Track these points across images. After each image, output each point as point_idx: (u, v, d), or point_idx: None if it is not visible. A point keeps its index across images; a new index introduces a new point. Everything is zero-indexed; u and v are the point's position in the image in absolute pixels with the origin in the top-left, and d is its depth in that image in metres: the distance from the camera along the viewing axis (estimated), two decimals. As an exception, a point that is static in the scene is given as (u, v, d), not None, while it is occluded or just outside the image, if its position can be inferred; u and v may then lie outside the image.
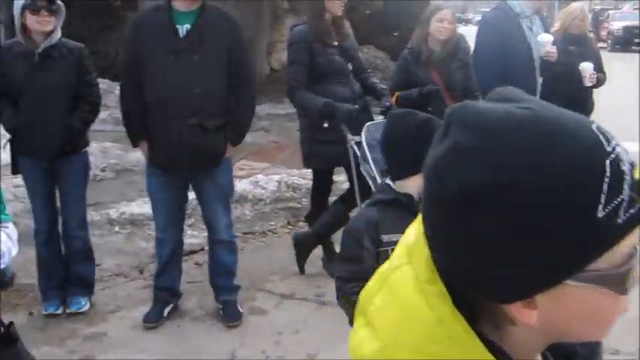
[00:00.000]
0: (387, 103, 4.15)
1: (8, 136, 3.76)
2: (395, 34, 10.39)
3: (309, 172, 4.88)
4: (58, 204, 3.88)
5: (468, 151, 0.64)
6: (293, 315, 3.84)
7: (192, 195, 3.88)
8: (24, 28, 3.54)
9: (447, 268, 0.68)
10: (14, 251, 2.28)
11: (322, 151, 4.04)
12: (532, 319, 0.66)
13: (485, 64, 4.32)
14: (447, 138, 0.66)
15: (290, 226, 5.34)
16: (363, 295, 0.77)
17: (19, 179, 4.20)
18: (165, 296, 3.83)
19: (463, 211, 0.63)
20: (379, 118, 4.20)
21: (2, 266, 2.23)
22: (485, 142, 0.63)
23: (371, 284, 0.77)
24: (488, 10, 5.15)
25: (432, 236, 0.68)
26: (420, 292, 0.68)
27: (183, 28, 3.41)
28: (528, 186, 0.61)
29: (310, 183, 4.78)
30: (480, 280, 0.65)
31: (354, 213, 3.88)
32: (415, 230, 0.74)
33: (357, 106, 4.03)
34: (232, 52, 3.48)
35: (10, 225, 2.30)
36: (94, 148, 4.53)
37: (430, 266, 0.69)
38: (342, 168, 4.30)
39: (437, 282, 0.68)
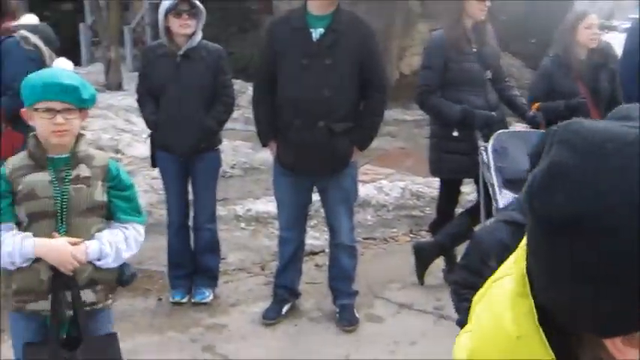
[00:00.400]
0: (531, 113, 3.98)
1: (149, 131, 3.99)
2: (532, 40, 9.98)
3: (434, 181, 4.78)
4: (191, 197, 4.07)
5: (566, 173, 0.60)
6: (410, 326, 3.77)
7: (315, 196, 3.92)
8: (167, 30, 3.73)
9: (543, 291, 0.65)
10: (126, 254, 2.31)
11: (450, 160, 3.93)
12: (631, 357, 0.60)
13: (632, 75, 4.02)
14: (546, 158, 0.63)
15: (412, 235, 5.26)
16: (474, 302, 0.77)
17: (155, 172, 4.44)
18: (285, 294, 3.89)
19: (558, 237, 0.60)
20: (517, 128, 4.04)
21: (108, 266, 2.29)
22: (585, 163, 0.59)
23: (480, 292, 0.77)
24: (637, 16, 4.81)
25: (532, 257, 0.65)
26: (511, 305, 0.68)
27: (316, 32, 3.45)
28: (629, 213, 0.56)
29: (435, 192, 4.68)
30: (576, 309, 0.61)
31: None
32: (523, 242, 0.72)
33: (494, 113, 3.89)
34: (365, 56, 3.47)
35: (133, 226, 2.33)
36: (224, 145, 4.69)
37: (523, 280, 0.67)
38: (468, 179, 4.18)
39: (527, 297, 0.66)
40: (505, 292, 0.70)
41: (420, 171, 5.81)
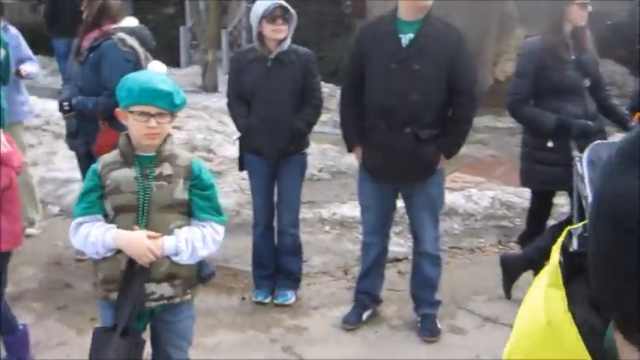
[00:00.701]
0: (633, 124, 3.77)
1: (238, 133, 4.07)
2: (639, 46, 9.45)
3: (526, 191, 4.62)
4: (276, 199, 4.12)
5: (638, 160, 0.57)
6: (494, 340, 3.64)
7: (401, 202, 3.87)
8: (260, 34, 3.79)
9: (609, 293, 0.61)
10: (203, 252, 2.36)
11: (542, 171, 3.79)
12: None
13: None
14: (617, 147, 0.61)
15: (500, 246, 5.09)
16: None
17: (245, 172, 4.52)
18: (366, 300, 3.87)
19: (629, 231, 0.56)
20: (617, 138, 3.83)
21: (184, 262, 2.34)
22: None
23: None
24: None
25: (598, 259, 0.62)
26: (543, 296, 0.68)
27: (406, 38, 3.41)
28: None
29: (526, 202, 4.52)
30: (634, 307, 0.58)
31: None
32: None
33: (591, 123, 3.71)
34: (454, 63, 3.40)
35: (211, 225, 2.38)
36: (312, 148, 4.73)
37: (556, 272, 0.68)
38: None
39: (559, 287, 0.67)
40: (540, 285, 0.71)
41: (512, 180, 5.62)
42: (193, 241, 2.32)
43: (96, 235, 2.26)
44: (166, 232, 2.32)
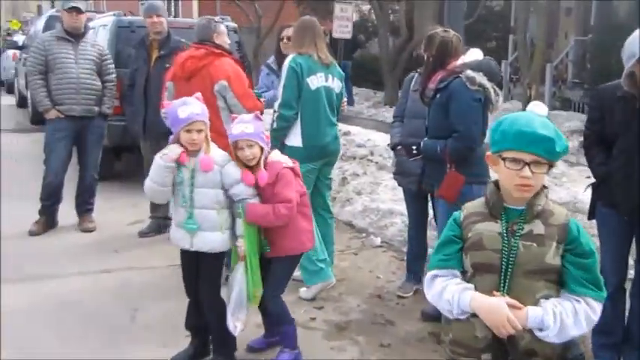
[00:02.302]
0: None
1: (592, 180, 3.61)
2: None
3: None
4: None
5: None
6: None
7: None
8: (632, 74, 3.25)
9: None
10: (573, 331, 2.03)
11: None
12: None
13: None
14: None
15: None
16: None
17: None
18: None
19: None
20: None
21: (549, 340, 2.01)
22: None
23: None
24: None
25: None
26: None
27: None
28: None
29: None
30: None
31: None
32: None
33: None
34: None
35: (585, 301, 2.06)
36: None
37: None
38: None
39: None
40: None
41: None
42: (563, 317, 2.00)
43: (452, 293, 2.07)
44: (531, 302, 2.02)
